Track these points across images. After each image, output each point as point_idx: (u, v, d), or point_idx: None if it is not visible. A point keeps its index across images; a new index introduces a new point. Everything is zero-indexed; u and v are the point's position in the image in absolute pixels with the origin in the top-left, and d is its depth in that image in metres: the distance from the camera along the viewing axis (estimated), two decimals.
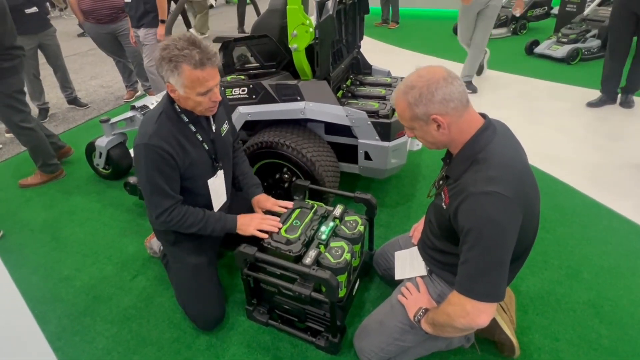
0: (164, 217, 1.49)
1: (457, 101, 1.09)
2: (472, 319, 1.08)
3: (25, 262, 2.10)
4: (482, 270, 1.06)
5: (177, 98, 1.43)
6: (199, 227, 1.53)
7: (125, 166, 2.79)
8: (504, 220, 1.03)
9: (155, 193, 1.47)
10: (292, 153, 1.99)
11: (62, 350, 1.61)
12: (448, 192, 1.19)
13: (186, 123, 1.50)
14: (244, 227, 1.55)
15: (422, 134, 1.18)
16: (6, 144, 3.48)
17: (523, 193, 1.07)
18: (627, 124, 3.17)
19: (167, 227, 1.53)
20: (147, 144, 1.40)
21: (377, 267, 1.79)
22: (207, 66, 1.33)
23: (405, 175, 2.64)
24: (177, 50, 1.30)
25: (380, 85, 2.46)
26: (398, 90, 1.17)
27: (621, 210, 2.21)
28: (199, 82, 1.34)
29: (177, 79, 1.33)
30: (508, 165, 1.08)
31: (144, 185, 1.48)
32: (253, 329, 1.65)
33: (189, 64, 1.30)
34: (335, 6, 1.97)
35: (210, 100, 1.42)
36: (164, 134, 1.43)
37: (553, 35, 4.93)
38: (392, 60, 5.06)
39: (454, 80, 1.09)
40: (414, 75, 1.13)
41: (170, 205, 1.49)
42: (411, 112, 1.13)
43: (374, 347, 1.39)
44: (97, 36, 3.81)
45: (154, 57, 1.39)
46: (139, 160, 1.45)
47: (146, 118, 1.51)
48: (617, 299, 1.69)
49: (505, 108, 3.59)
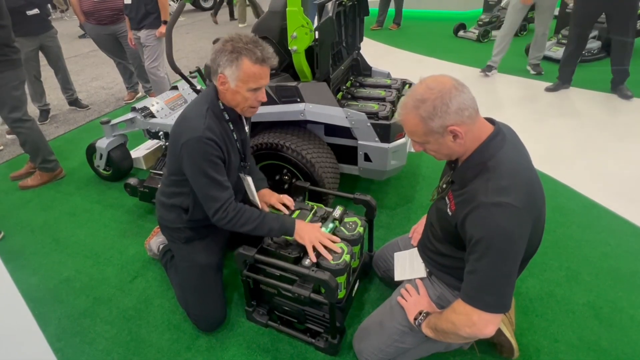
0: (221, 213, 1.45)
1: (471, 109, 1.07)
2: (479, 329, 1.08)
3: (26, 263, 2.10)
4: (491, 281, 1.06)
5: (225, 91, 1.44)
6: (255, 225, 1.47)
7: (125, 167, 2.79)
8: (514, 232, 1.02)
9: (212, 187, 1.44)
10: (292, 154, 2.00)
11: (62, 351, 1.62)
12: (454, 198, 1.18)
13: (227, 121, 1.52)
14: (302, 233, 1.46)
15: (436, 147, 1.14)
16: (7, 145, 3.50)
17: (532, 202, 1.07)
18: (630, 126, 3.16)
19: (223, 224, 1.47)
20: (201, 137, 1.39)
21: (377, 269, 1.79)
22: (265, 64, 1.39)
23: (405, 176, 2.65)
24: (242, 44, 1.35)
25: (380, 87, 2.46)
26: (405, 105, 1.11)
27: (621, 212, 2.20)
28: (254, 77, 1.38)
29: (233, 70, 1.37)
30: (518, 173, 1.07)
31: (199, 180, 1.44)
32: (253, 330, 1.66)
33: (250, 58, 1.35)
34: (334, 8, 1.97)
35: (256, 99, 1.45)
36: (214, 128, 1.44)
37: (553, 37, 4.93)
38: (392, 61, 5.07)
39: (463, 88, 1.07)
40: (422, 88, 1.08)
41: (228, 198, 1.46)
42: (426, 127, 1.08)
43: (373, 348, 1.40)
44: (98, 37, 3.82)
45: (214, 48, 1.41)
46: (192, 155, 1.42)
47: (190, 113, 1.49)
48: (616, 301, 1.69)
49: (505, 109, 3.59)
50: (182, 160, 1.45)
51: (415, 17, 7.53)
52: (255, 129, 2.28)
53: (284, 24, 1.98)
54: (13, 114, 2.52)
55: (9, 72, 2.43)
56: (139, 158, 2.93)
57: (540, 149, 2.85)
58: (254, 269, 1.54)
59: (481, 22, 5.90)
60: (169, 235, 1.72)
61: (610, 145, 2.88)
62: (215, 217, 1.47)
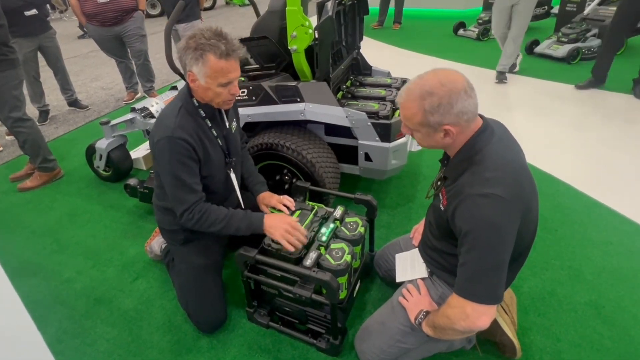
0: (187, 214, 1.46)
1: (471, 114, 1.08)
2: (472, 321, 1.08)
3: (26, 265, 2.10)
4: (481, 272, 1.06)
5: (197, 88, 1.43)
6: (222, 225, 1.47)
7: (125, 168, 2.79)
8: (501, 222, 1.03)
9: (180, 188, 1.44)
10: (292, 154, 1.99)
11: (62, 353, 1.62)
12: (446, 194, 1.19)
13: (203, 118, 1.50)
14: (271, 229, 1.46)
15: (424, 137, 1.16)
16: (7, 147, 3.49)
17: (520, 194, 1.07)
18: (632, 124, 3.16)
19: (190, 225, 1.48)
20: (171, 137, 1.39)
21: (378, 269, 1.79)
22: (232, 58, 1.36)
23: (406, 176, 2.64)
24: (204, 40, 1.32)
25: (380, 86, 2.45)
26: (411, 92, 1.10)
27: (623, 210, 2.20)
28: (222, 72, 1.36)
29: (200, 67, 1.35)
30: (505, 166, 1.08)
31: (168, 180, 1.45)
32: (254, 331, 1.65)
33: (214, 53, 1.32)
34: (334, 7, 1.97)
35: (229, 93, 1.43)
36: (186, 127, 1.42)
37: (553, 35, 4.93)
38: (392, 60, 5.06)
39: (472, 92, 1.07)
40: (434, 81, 1.06)
41: (195, 201, 1.46)
42: (423, 119, 1.09)
43: (375, 348, 1.39)
44: (101, 38, 3.81)
45: (179, 46, 1.39)
46: (162, 154, 1.42)
47: (165, 112, 1.50)
48: (618, 300, 1.69)
49: (505, 108, 3.59)
50: (155, 161, 1.45)
51: (415, 16, 7.52)
52: (255, 129, 2.28)
53: (284, 24, 1.97)
54: (13, 114, 2.52)
55: (9, 71, 2.44)
56: (139, 159, 2.92)
57: (539, 147, 2.85)
58: (255, 269, 1.53)
59: (481, 21, 5.89)
60: (167, 237, 1.72)
61: (613, 144, 2.87)
62: (182, 219, 1.48)
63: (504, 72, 4.15)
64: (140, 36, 3.84)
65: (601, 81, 3.73)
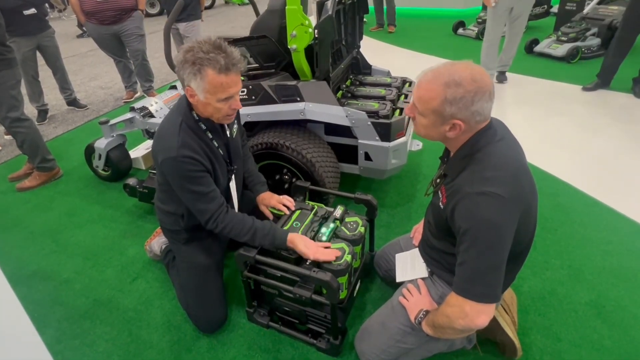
0: (212, 223, 1.45)
1: (484, 117, 1.09)
2: (471, 320, 1.08)
3: (25, 265, 2.09)
4: (479, 271, 1.06)
5: (196, 103, 1.38)
6: (247, 238, 1.45)
7: (124, 168, 2.78)
8: (500, 220, 1.03)
9: (199, 200, 1.42)
10: (292, 154, 1.99)
11: (61, 354, 1.61)
12: (445, 191, 1.19)
13: (204, 131, 1.46)
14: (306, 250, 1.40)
15: (428, 125, 1.14)
16: (5, 146, 3.48)
17: (520, 194, 1.07)
18: (631, 124, 3.15)
19: (217, 232, 1.48)
20: (177, 157, 1.34)
21: (378, 269, 1.79)
22: (232, 72, 1.29)
23: (406, 175, 2.64)
24: (203, 54, 1.25)
25: (380, 86, 2.45)
26: (439, 75, 1.06)
27: (623, 210, 2.20)
28: (222, 87, 1.30)
29: (199, 83, 1.29)
30: (505, 165, 1.08)
31: (185, 196, 1.44)
32: (254, 331, 1.65)
33: (213, 68, 1.26)
34: (334, 6, 1.96)
35: (229, 108, 1.38)
36: (190, 144, 1.38)
37: (553, 34, 4.92)
38: (392, 60, 5.05)
39: (493, 97, 1.08)
40: (465, 73, 1.04)
41: (217, 208, 1.44)
42: (439, 106, 1.06)
43: (375, 348, 1.39)
44: (100, 37, 3.81)
45: (176, 59, 1.34)
46: (171, 175, 1.40)
47: (166, 128, 1.43)
48: (619, 299, 1.69)
49: (504, 107, 3.58)
50: (165, 177, 1.45)
51: (414, 15, 7.52)
52: (255, 128, 2.27)
53: (283, 23, 1.97)
54: (11, 114, 2.51)
55: (6, 71, 2.43)
56: (138, 158, 2.91)
57: (539, 147, 2.84)
58: (255, 269, 1.53)
59: (480, 20, 5.88)
60: (169, 236, 1.71)
61: (613, 144, 2.87)
62: (208, 226, 1.48)
63: (504, 72, 4.14)
64: (139, 36, 3.83)
65: (606, 84, 3.76)
